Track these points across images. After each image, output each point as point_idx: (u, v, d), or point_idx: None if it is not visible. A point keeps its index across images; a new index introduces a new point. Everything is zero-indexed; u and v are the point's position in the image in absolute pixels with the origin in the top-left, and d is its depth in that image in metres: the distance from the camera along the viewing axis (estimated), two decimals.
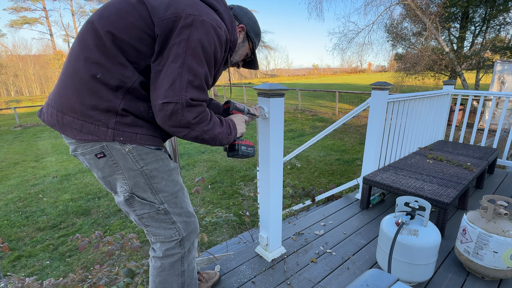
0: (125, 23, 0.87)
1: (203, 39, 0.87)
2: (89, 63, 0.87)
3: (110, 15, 0.88)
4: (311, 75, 64.84)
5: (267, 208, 1.73)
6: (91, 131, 0.90)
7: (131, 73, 0.89)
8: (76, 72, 0.88)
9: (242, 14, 1.13)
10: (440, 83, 12.83)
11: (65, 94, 0.89)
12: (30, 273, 3.12)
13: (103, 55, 0.87)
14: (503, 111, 3.20)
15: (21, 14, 25.03)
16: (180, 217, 1.09)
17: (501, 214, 1.50)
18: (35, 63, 35.73)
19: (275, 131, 1.56)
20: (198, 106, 0.90)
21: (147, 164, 0.98)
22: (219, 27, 0.92)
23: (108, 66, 0.87)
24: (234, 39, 1.06)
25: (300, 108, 13.98)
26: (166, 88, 0.85)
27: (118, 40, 0.87)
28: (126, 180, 0.98)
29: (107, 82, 0.88)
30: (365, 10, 13.18)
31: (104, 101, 0.88)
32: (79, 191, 5.26)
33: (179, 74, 0.85)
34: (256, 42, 1.19)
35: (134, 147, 0.95)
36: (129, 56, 0.89)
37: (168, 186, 1.04)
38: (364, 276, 0.61)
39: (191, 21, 0.86)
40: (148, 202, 1.02)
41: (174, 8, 0.87)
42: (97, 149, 0.93)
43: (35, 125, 12.66)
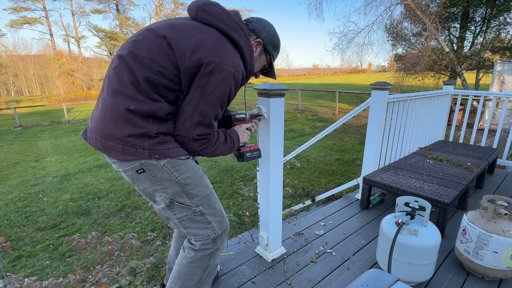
0: (158, 67, 0.98)
1: (219, 86, 1.00)
2: (125, 98, 0.98)
3: (144, 58, 0.98)
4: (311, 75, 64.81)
5: (267, 208, 1.73)
6: (131, 152, 1.03)
7: (162, 105, 1.01)
8: (113, 105, 0.99)
9: (260, 28, 1.17)
10: (440, 83, 12.82)
11: (106, 124, 1.01)
12: (30, 273, 3.12)
13: (137, 91, 0.99)
14: (503, 111, 3.20)
15: (21, 14, 25.00)
16: (214, 217, 1.20)
17: (501, 214, 1.50)
18: (35, 63, 35.70)
19: (275, 131, 1.56)
20: (203, 139, 1.07)
21: (181, 174, 1.11)
22: (237, 71, 1.03)
23: (142, 99, 0.99)
24: (251, 68, 1.14)
25: (300, 108, 13.98)
26: (180, 124, 1.04)
27: (153, 82, 0.99)
28: (165, 189, 1.11)
29: (140, 113, 0.99)
30: (365, 10, 13.16)
31: (139, 129, 1.00)
32: (79, 191, 5.26)
33: (190, 116, 1.02)
34: (274, 54, 1.23)
35: (168, 161, 1.07)
36: (160, 92, 1.00)
37: (201, 191, 1.16)
38: (364, 276, 0.61)
39: (211, 69, 0.98)
40: (186, 206, 1.15)
41: (198, 54, 0.97)
42: (137, 166, 1.07)
43: (35, 125, 12.66)
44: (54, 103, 20.07)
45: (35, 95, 33.49)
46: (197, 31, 1.02)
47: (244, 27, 1.10)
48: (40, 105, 18.97)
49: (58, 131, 11.19)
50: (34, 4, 25.36)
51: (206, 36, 1.01)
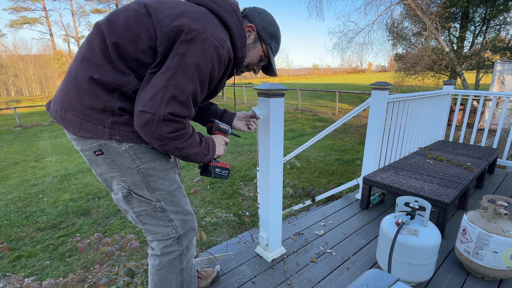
0: (131, 35, 0.88)
1: (200, 57, 0.86)
2: (91, 65, 0.89)
3: (119, 24, 0.90)
4: (311, 75, 64.83)
5: (267, 208, 1.73)
6: (89, 129, 0.92)
7: (130, 79, 0.91)
8: (77, 72, 0.90)
9: (255, 14, 1.07)
10: (440, 83, 12.83)
11: (67, 93, 0.92)
12: (30, 273, 3.12)
13: (105, 59, 0.89)
14: (503, 111, 3.20)
15: (21, 14, 25.06)
16: (177, 215, 1.09)
17: (501, 214, 1.50)
18: (35, 63, 35.72)
19: (275, 131, 1.56)
20: (176, 122, 0.89)
21: (144, 163, 0.99)
22: (222, 46, 0.90)
23: (108, 69, 0.89)
24: (242, 55, 1.03)
25: (300, 108, 13.98)
26: (147, 97, 0.85)
27: (123, 51, 0.89)
28: (123, 177, 0.99)
29: (104, 83, 0.89)
30: (365, 9, 13.18)
31: (101, 101, 0.90)
32: (79, 191, 5.26)
33: (164, 87, 0.85)
34: (271, 44, 1.11)
35: (131, 146, 0.96)
36: (131, 65, 0.91)
37: (165, 185, 1.04)
38: (364, 276, 0.61)
39: (192, 37, 0.86)
40: (145, 199, 1.03)
41: (179, 21, 0.87)
42: (95, 147, 0.95)
43: (35, 125, 12.66)
44: None
45: (35, 95, 33.49)
46: (184, 4, 0.94)
47: (237, 11, 1.01)
48: (40, 105, 18.97)
49: (58, 131, 11.19)
50: (34, 4, 25.40)
51: (191, 9, 0.92)
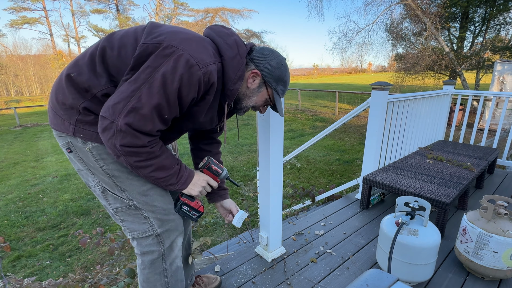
0: (120, 43, 0.92)
1: (168, 72, 0.84)
2: (75, 65, 0.94)
3: (117, 35, 0.95)
4: (311, 75, 64.82)
5: (267, 208, 1.73)
6: (58, 123, 0.97)
7: (102, 82, 0.92)
8: (62, 73, 0.96)
9: (261, 58, 1.03)
10: (440, 83, 12.82)
11: (51, 89, 0.99)
12: (30, 273, 3.12)
13: (89, 61, 0.93)
14: (503, 111, 3.20)
15: (21, 14, 25.01)
16: (153, 213, 1.07)
17: (501, 214, 1.50)
18: (35, 63, 35.69)
19: (275, 131, 1.56)
20: (133, 136, 0.85)
21: (107, 164, 0.99)
22: (199, 66, 0.87)
23: (86, 70, 0.92)
24: (234, 88, 0.99)
25: (300, 108, 13.98)
26: (110, 104, 0.85)
27: (107, 56, 0.92)
28: (94, 176, 1.01)
29: (77, 82, 0.92)
30: (365, 9, 13.19)
31: (70, 99, 0.93)
32: (79, 191, 5.26)
33: (127, 97, 0.84)
34: (278, 88, 1.06)
35: (95, 147, 0.97)
36: (110, 70, 0.92)
37: (133, 185, 1.02)
38: (364, 276, 0.61)
39: (169, 52, 0.85)
40: (118, 197, 1.03)
41: (164, 37, 0.88)
42: (65, 145, 0.99)
43: (35, 125, 12.66)
44: None
45: (35, 95, 33.48)
46: (186, 29, 0.96)
47: (242, 46, 1.00)
48: (40, 105, 18.97)
49: None
50: (34, 4, 25.38)
51: (188, 32, 0.93)
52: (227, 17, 22.33)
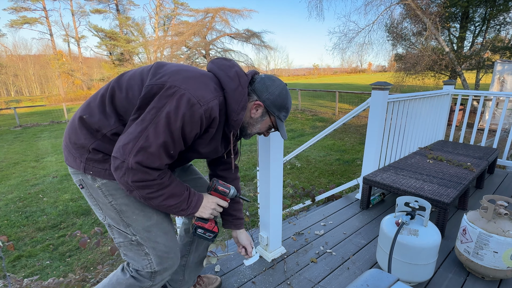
0: (127, 84, 0.98)
1: (171, 112, 0.89)
2: (88, 106, 1.01)
3: (126, 77, 1.01)
4: (311, 75, 64.79)
5: (267, 208, 1.73)
6: (70, 160, 1.03)
7: (112, 122, 0.98)
8: (75, 114, 1.03)
9: (263, 89, 1.07)
10: (440, 83, 12.82)
11: (66, 129, 1.06)
12: (30, 273, 3.12)
13: (99, 102, 0.99)
14: (503, 111, 3.20)
15: (21, 14, 24.98)
16: (154, 250, 1.10)
17: (501, 214, 1.50)
18: (35, 63, 35.69)
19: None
20: (144, 172, 0.90)
21: (116, 199, 1.04)
22: (200, 104, 0.91)
23: (97, 112, 0.99)
24: (238, 118, 1.03)
25: (300, 108, 13.98)
26: (120, 145, 0.90)
27: (116, 96, 0.98)
28: (102, 211, 1.07)
29: (89, 124, 0.99)
30: (365, 9, 13.16)
31: (81, 139, 0.99)
32: (79, 191, 5.26)
33: (136, 137, 0.89)
34: (280, 115, 1.10)
35: (104, 183, 1.02)
36: (118, 109, 0.98)
37: (139, 221, 1.06)
38: (364, 276, 0.61)
39: (172, 92, 0.90)
40: (122, 232, 1.08)
41: (167, 78, 0.93)
42: (78, 181, 1.05)
43: (35, 125, 12.67)
44: (54, 103, 20.07)
45: (35, 95, 33.49)
46: (188, 66, 1.01)
47: (243, 77, 1.03)
48: (40, 105, 18.98)
49: (58, 131, 11.19)
50: (34, 4, 25.36)
51: (191, 69, 0.99)
52: (227, 17, 22.32)
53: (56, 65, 26.65)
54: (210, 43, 22.50)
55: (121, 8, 28.18)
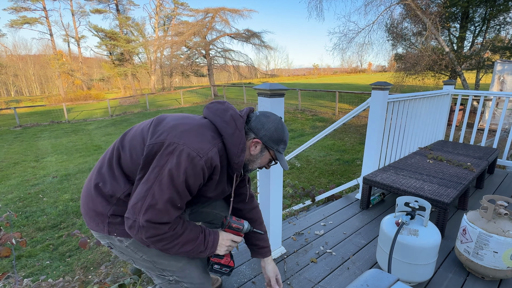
0: (130, 145, 1.03)
1: (173, 169, 0.93)
2: (99, 172, 1.06)
3: (129, 136, 1.06)
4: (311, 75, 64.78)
5: (267, 208, 1.73)
6: (94, 226, 1.07)
7: (122, 185, 1.02)
8: (90, 180, 1.08)
9: (259, 126, 1.10)
10: (440, 83, 12.82)
11: (82, 194, 1.10)
12: (30, 273, 3.12)
13: (108, 167, 1.05)
14: (503, 111, 3.20)
15: (21, 14, 24.97)
16: (192, 284, 1.19)
17: (501, 214, 1.50)
18: (35, 63, 35.69)
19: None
20: (155, 228, 0.94)
21: (146, 253, 1.10)
22: (200, 156, 0.95)
23: (107, 177, 1.03)
24: (239, 161, 1.07)
25: (300, 108, 13.98)
26: (130, 205, 0.95)
27: (121, 159, 1.03)
28: (136, 264, 1.14)
29: (103, 191, 1.03)
30: (365, 9, 13.14)
31: (99, 207, 1.04)
32: (79, 191, 5.26)
33: (143, 197, 0.93)
34: (279, 148, 1.14)
35: (131, 242, 1.07)
36: (126, 171, 1.03)
37: (172, 265, 1.14)
38: (364, 276, 0.61)
39: (172, 149, 0.94)
40: (160, 275, 1.16)
41: (166, 135, 0.97)
42: (106, 243, 1.11)
43: (35, 125, 12.67)
44: (54, 103, 20.06)
45: (35, 95, 33.48)
46: (185, 117, 1.05)
47: (239, 120, 1.06)
48: (40, 105, 18.97)
49: (58, 131, 11.20)
50: (34, 4, 25.35)
51: (187, 121, 1.02)
52: (227, 17, 22.32)
53: (56, 65, 26.64)
54: (210, 43, 22.50)
55: (121, 8, 28.17)
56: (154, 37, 28.05)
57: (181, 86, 34.11)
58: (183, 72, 25.10)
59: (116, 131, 11.06)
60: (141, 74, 29.79)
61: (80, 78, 29.51)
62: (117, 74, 27.29)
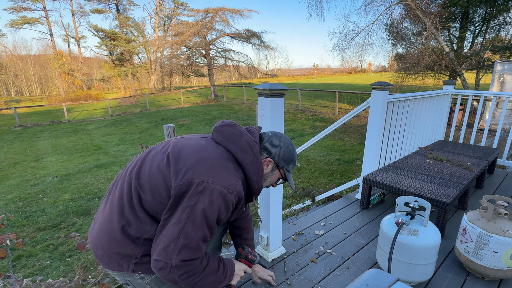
0: (149, 184, 0.99)
1: (207, 207, 0.95)
2: (121, 216, 1.00)
3: (144, 174, 1.02)
4: (311, 75, 64.75)
5: (267, 208, 1.73)
6: (116, 266, 1.04)
7: (149, 227, 1.00)
8: (111, 222, 1.01)
9: (272, 146, 1.15)
10: (440, 83, 12.82)
11: (100, 236, 1.04)
12: (30, 273, 3.12)
13: (130, 210, 1.00)
14: (503, 111, 3.20)
15: (21, 14, 24.96)
16: None
17: (501, 214, 1.50)
18: (35, 63, 35.70)
19: (275, 131, 1.56)
20: (188, 265, 0.96)
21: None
22: (230, 193, 0.99)
23: (132, 220, 0.99)
24: (259, 186, 1.11)
25: (300, 108, 13.97)
26: (161, 248, 0.94)
27: (143, 199, 1.00)
28: None
29: (130, 234, 1.00)
30: (365, 10, 13.12)
31: (128, 249, 1.01)
32: (79, 191, 5.26)
33: (175, 238, 0.93)
34: (289, 167, 1.19)
35: (153, 279, 1.08)
36: (150, 211, 1.00)
37: None
38: (364, 276, 0.61)
39: (202, 189, 0.95)
40: None
41: (191, 173, 0.97)
42: (123, 281, 1.10)
43: (35, 125, 12.67)
44: (54, 103, 20.07)
45: (35, 95, 33.48)
46: (202, 149, 1.05)
47: (254, 146, 1.09)
48: (40, 105, 18.98)
49: (58, 131, 11.20)
50: (34, 4, 25.35)
51: (207, 155, 1.03)
52: (227, 17, 22.31)
53: (56, 65, 26.65)
54: (210, 43, 22.49)
55: (121, 8, 28.17)
56: (154, 37, 28.05)
57: (181, 86, 34.12)
58: (183, 72, 25.10)
59: (116, 131, 11.06)
60: (141, 74, 29.79)
61: (80, 78, 29.51)
62: (117, 74, 27.28)
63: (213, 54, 23.26)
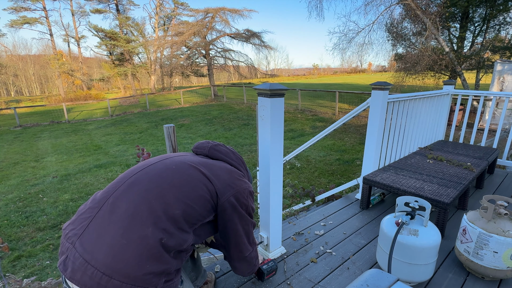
0: (196, 195, 1.04)
1: (247, 204, 1.22)
2: (157, 229, 0.91)
3: (182, 184, 1.03)
4: (311, 75, 64.74)
5: (267, 208, 1.73)
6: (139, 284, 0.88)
7: (188, 236, 1.00)
8: (143, 238, 0.89)
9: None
10: (440, 83, 12.82)
11: (123, 259, 0.86)
12: (30, 273, 3.12)
13: (169, 221, 0.95)
14: (503, 111, 3.20)
15: (21, 14, 24.96)
16: None
17: (501, 214, 1.50)
18: (35, 63, 35.70)
19: (275, 131, 1.56)
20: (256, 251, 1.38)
21: None
22: (251, 189, 1.26)
23: (173, 231, 0.95)
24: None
25: (300, 108, 13.97)
26: (238, 249, 1.25)
27: (189, 209, 1.00)
28: None
29: (167, 246, 0.93)
30: (365, 9, 13.11)
31: (164, 265, 0.92)
32: (79, 191, 5.26)
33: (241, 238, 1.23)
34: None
35: None
36: (192, 219, 1.02)
37: None
38: (364, 276, 0.61)
39: (242, 195, 1.18)
40: None
41: (232, 188, 1.15)
42: None
43: (35, 125, 12.67)
44: (54, 103, 20.07)
45: (35, 95, 33.48)
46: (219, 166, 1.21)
47: (244, 161, 1.37)
48: (40, 105, 18.97)
49: (58, 131, 11.20)
50: (34, 4, 25.35)
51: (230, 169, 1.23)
52: (227, 17, 22.30)
53: (56, 65, 26.64)
54: (210, 43, 22.49)
55: (121, 8, 28.17)
56: (154, 37, 28.04)
57: (181, 86, 34.12)
58: (183, 72, 25.10)
59: (116, 131, 11.05)
60: (141, 74, 29.78)
61: (80, 78, 29.50)
62: (117, 74, 27.28)
63: (213, 54, 23.26)
